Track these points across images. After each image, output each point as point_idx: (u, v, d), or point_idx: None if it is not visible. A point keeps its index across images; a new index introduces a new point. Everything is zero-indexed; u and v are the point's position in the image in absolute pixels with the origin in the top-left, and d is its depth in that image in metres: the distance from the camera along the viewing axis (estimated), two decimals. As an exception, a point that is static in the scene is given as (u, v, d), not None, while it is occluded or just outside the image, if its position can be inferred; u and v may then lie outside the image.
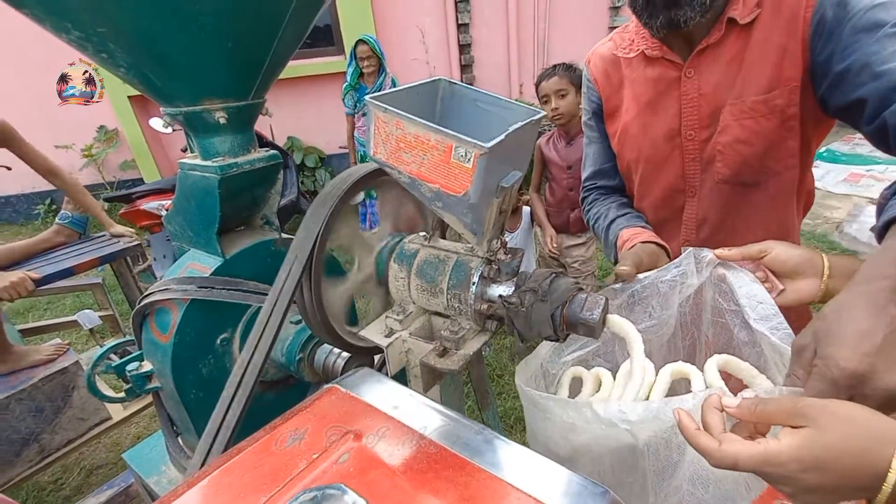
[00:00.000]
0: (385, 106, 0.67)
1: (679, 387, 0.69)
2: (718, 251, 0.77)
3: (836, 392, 0.49)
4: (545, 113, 0.77)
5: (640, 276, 0.81)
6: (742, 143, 0.90)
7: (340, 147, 5.19)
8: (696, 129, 0.94)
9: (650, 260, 0.87)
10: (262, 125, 4.30)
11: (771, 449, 0.45)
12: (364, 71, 3.47)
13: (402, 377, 0.80)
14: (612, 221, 1.07)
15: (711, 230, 1.01)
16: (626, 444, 0.60)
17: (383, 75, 3.50)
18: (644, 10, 0.86)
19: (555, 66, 2.10)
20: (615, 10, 4.94)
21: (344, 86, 3.61)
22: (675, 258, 0.81)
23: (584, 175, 1.22)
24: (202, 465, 0.78)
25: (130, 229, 2.46)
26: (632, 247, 0.92)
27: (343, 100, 3.64)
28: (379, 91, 3.43)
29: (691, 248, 0.80)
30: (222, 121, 1.02)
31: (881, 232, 0.61)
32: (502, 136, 0.65)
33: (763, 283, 0.73)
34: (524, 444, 0.54)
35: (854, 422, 0.44)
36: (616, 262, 0.96)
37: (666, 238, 0.98)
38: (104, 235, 2.43)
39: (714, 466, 0.48)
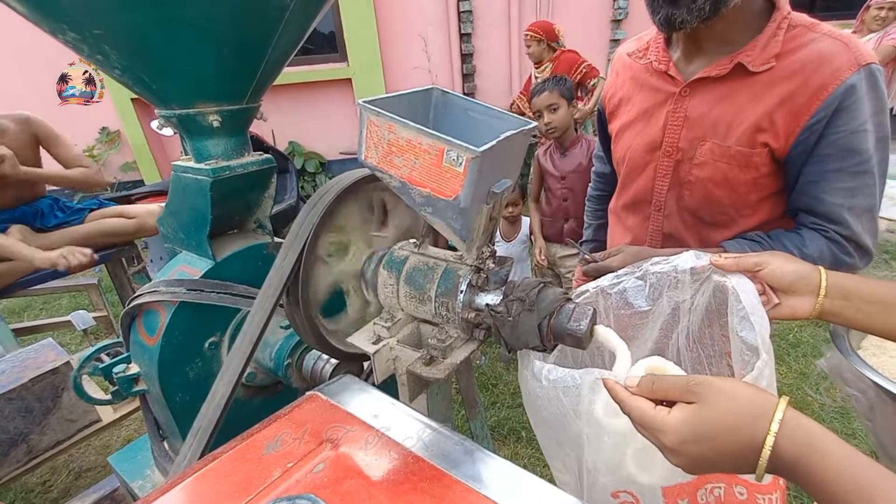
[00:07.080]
0: (378, 110, 0.67)
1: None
2: (714, 258, 0.77)
3: None
4: (536, 123, 0.77)
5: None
6: (713, 183, 0.94)
7: (341, 153, 5.20)
8: (673, 147, 0.97)
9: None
10: (264, 130, 4.32)
11: (657, 414, 0.48)
12: None
13: (391, 384, 0.79)
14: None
15: (677, 246, 1.03)
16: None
17: None
18: (650, 5, 0.88)
19: (545, 82, 2.12)
20: (616, 23, 4.97)
21: None
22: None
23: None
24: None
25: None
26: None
27: None
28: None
29: (692, 250, 0.80)
30: (216, 124, 1.01)
31: None
32: (494, 142, 0.64)
33: (760, 294, 0.72)
34: (516, 454, 0.53)
35: (736, 398, 0.46)
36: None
37: (635, 243, 1.08)
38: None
39: (622, 410, 0.52)
